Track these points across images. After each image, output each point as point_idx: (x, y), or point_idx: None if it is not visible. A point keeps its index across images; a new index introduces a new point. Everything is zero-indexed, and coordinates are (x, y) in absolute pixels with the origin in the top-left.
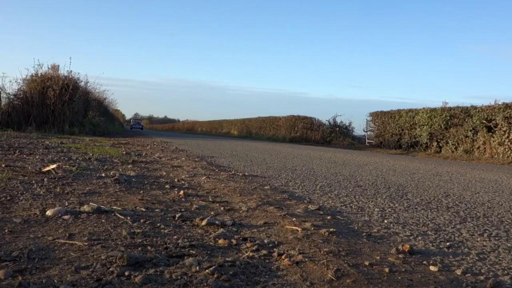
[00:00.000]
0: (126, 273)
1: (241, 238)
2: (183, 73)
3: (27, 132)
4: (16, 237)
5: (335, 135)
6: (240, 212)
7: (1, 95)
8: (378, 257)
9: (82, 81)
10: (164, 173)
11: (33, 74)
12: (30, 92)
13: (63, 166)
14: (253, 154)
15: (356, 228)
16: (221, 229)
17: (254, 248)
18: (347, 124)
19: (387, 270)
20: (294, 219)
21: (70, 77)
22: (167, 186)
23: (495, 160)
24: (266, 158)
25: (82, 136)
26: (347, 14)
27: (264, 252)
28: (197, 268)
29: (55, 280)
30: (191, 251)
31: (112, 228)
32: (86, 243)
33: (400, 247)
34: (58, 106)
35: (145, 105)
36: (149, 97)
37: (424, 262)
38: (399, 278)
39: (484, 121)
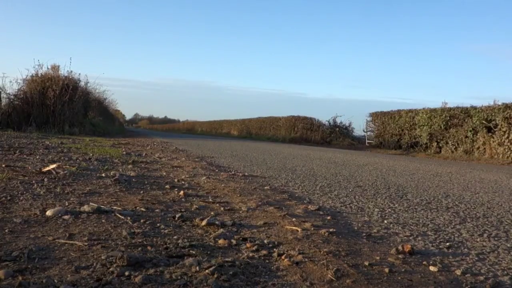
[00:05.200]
0: (126, 273)
1: (241, 238)
2: (183, 73)
3: (27, 132)
4: (16, 237)
5: (335, 135)
6: (240, 212)
7: (1, 95)
8: (378, 258)
9: (82, 81)
10: (164, 173)
11: (33, 74)
12: (30, 92)
13: (63, 166)
14: (253, 154)
15: (356, 228)
16: (221, 229)
17: (254, 248)
18: (347, 124)
19: (387, 270)
20: (294, 219)
21: (70, 77)
22: (167, 186)
23: (494, 160)
24: (266, 158)
25: (82, 136)
26: (347, 13)
27: (264, 252)
28: (197, 268)
29: (55, 280)
30: (191, 251)
31: (112, 228)
32: (86, 243)
33: (400, 247)
34: (58, 106)
35: (145, 105)
36: (149, 97)
37: (424, 262)
38: (399, 278)
39: (484, 122)
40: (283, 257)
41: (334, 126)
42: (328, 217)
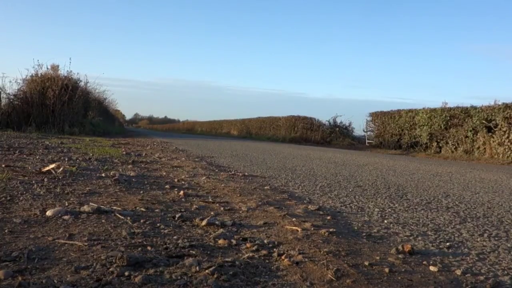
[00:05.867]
0: (126, 273)
1: (241, 238)
2: (183, 73)
3: (27, 132)
4: (16, 237)
5: (335, 135)
6: (240, 212)
7: (1, 95)
8: (378, 257)
9: (82, 81)
10: (164, 173)
11: (33, 74)
12: (30, 92)
13: (63, 166)
14: (253, 154)
15: (356, 228)
16: (221, 229)
17: (254, 248)
18: (347, 124)
19: (387, 270)
20: (294, 219)
21: (70, 77)
22: (167, 186)
23: (495, 160)
24: (266, 158)
25: (82, 136)
26: (346, 13)
27: (264, 252)
28: (197, 268)
29: (55, 280)
30: (191, 251)
31: (112, 228)
32: (86, 243)
33: (400, 247)
34: (58, 106)
35: (145, 105)
36: (149, 97)
37: (424, 262)
38: (399, 278)
39: (484, 121)
40: (283, 257)
41: (334, 126)
42: (328, 217)
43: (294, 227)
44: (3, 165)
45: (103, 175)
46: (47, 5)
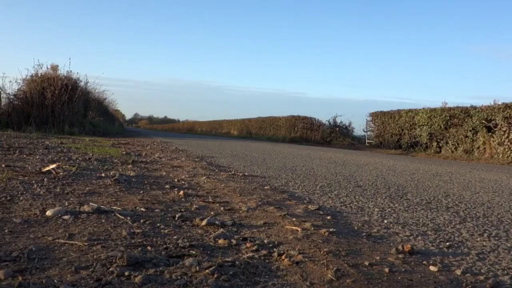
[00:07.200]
0: (126, 273)
1: (241, 238)
2: (183, 73)
3: (27, 132)
4: (16, 237)
5: (335, 135)
6: (240, 212)
7: (1, 95)
8: (378, 257)
9: (81, 81)
10: (164, 173)
11: (33, 74)
12: (30, 92)
13: (63, 166)
14: (253, 154)
15: (356, 228)
16: (221, 229)
17: (254, 248)
18: (347, 124)
19: (387, 270)
20: (294, 219)
21: (70, 77)
22: (167, 186)
23: (495, 160)
24: (266, 158)
25: (82, 136)
26: (346, 13)
27: (264, 252)
28: (197, 268)
29: (55, 280)
30: (191, 251)
31: (112, 228)
32: (86, 243)
33: (400, 247)
34: (58, 106)
35: (145, 105)
36: (149, 97)
37: (424, 262)
38: (399, 278)
39: (484, 121)
40: (283, 257)
41: (334, 126)
42: (328, 217)
43: (294, 227)
44: (3, 165)
45: (103, 175)
46: (47, 5)
